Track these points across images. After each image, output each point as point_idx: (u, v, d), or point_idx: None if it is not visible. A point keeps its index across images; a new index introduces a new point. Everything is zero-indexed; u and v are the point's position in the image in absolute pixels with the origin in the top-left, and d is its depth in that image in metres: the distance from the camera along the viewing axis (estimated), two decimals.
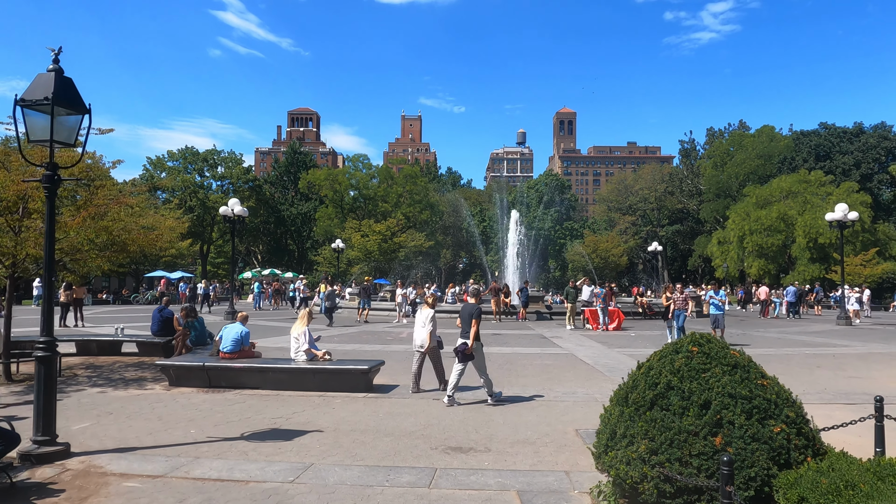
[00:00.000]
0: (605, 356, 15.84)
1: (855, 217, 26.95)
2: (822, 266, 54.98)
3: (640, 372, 5.08)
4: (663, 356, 5.01)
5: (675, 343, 5.12)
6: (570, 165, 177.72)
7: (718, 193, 75.62)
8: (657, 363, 4.98)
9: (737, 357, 4.83)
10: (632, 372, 5.30)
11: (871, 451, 5.77)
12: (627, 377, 5.33)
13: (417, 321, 10.89)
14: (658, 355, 5.11)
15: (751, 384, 4.59)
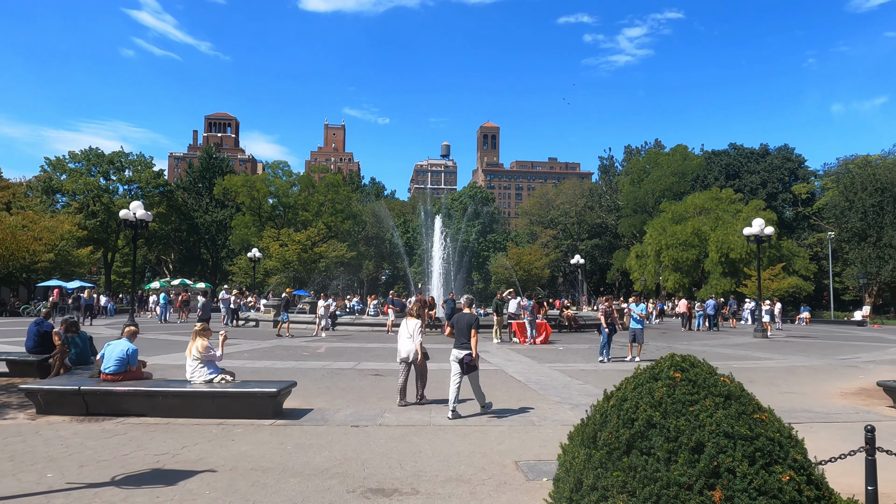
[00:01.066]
0: (535, 372, 15.01)
1: (770, 232, 27.58)
2: (733, 280, 57.08)
3: (610, 404, 4.08)
4: (639, 384, 4.04)
5: (651, 368, 4.16)
6: (493, 179, 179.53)
7: (636, 209, 77.72)
8: (632, 393, 4.00)
9: (728, 385, 3.92)
10: (597, 404, 4.31)
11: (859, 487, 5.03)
12: (591, 409, 4.34)
13: (402, 333, 10.50)
14: (632, 383, 4.13)
15: (749, 420, 3.67)
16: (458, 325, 9.69)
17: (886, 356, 20.22)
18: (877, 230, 54.91)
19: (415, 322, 10.50)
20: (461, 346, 9.57)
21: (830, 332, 34.12)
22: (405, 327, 10.51)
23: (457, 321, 9.77)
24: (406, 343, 10.42)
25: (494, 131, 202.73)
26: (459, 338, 9.63)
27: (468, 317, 9.77)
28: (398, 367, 10.70)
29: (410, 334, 10.40)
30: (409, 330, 10.44)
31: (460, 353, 9.54)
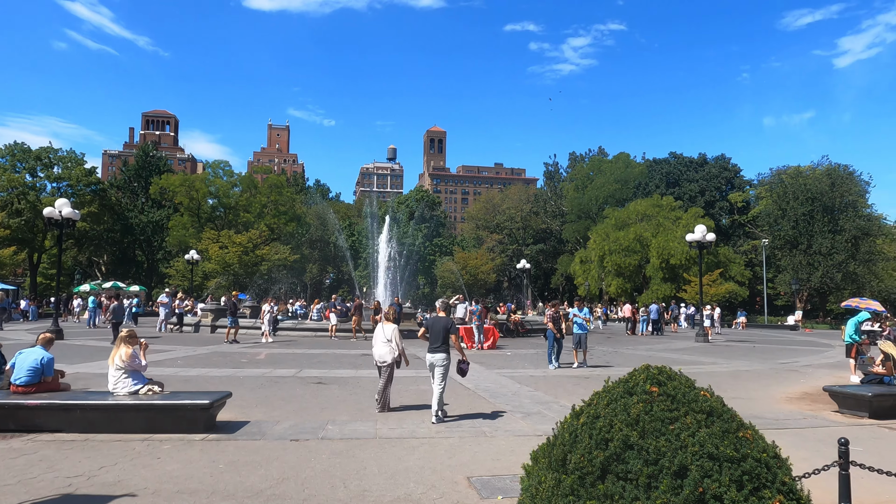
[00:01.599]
0: (484, 378, 14.64)
1: (712, 238, 28.14)
2: (673, 285, 58.36)
3: (580, 422, 3.67)
4: (613, 400, 3.64)
5: (625, 381, 3.78)
6: (439, 183, 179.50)
7: (580, 215, 78.82)
8: (605, 410, 3.60)
9: (710, 399, 3.56)
10: (564, 421, 3.90)
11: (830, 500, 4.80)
12: (558, 425, 3.92)
13: (379, 337, 10.42)
14: (605, 398, 3.73)
15: (734, 439, 3.33)
16: (434, 329, 9.81)
17: (823, 360, 20.77)
18: (807, 238, 57.19)
19: (392, 326, 10.42)
20: (436, 350, 9.69)
21: (766, 336, 35.10)
22: (381, 332, 10.41)
23: (432, 325, 9.88)
24: (382, 348, 10.32)
25: (441, 135, 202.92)
26: (434, 342, 9.73)
27: (444, 320, 9.88)
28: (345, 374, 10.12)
29: (388, 339, 10.31)
30: (386, 335, 10.34)
31: (434, 356, 9.67)
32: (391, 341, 10.29)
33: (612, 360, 19.04)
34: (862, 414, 10.47)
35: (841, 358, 21.10)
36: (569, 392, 12.80)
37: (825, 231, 56.23)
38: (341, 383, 13.51)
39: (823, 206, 57.17)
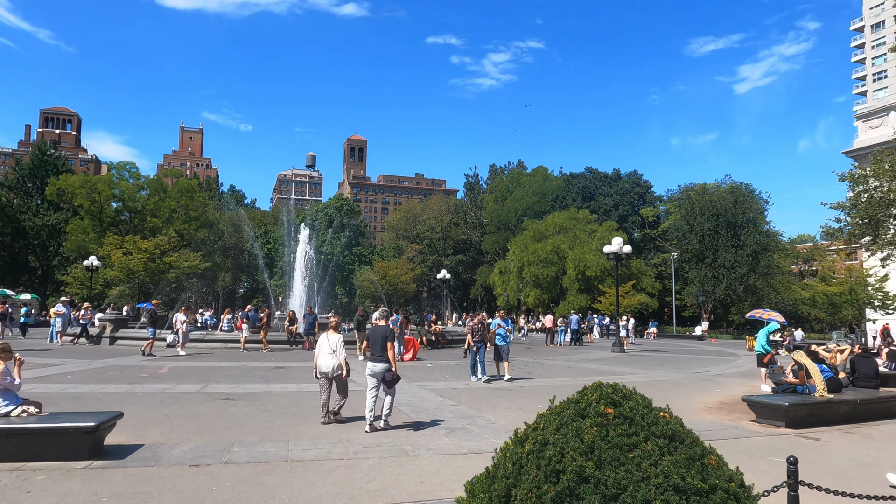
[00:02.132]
0: (405, 391, 14.02)
1: (628, 250, 28.75)
2: (588, 296, 59.77)
3: (525, 450, 3.18)
4: (563, 424, 3.17)
5: (575, 402, 3.32)
6: (359, 192, 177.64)
7: (499, 226, 79.70)
8: (554, 436, 3.12)
9: (670, 422, 3.15)
10: (506, 447, 3.40)
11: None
12: (497, 453, 3.42)
13: (324, 348, 10.24)
14: (553, 421, 3.25)
15: (700, 467, 2.92)
16: (373, 338, 9.81)
17: (732, 369, 21.43)
18: (713, 252, 59.98)
19: (337, 336, 10.30)
20: (376, 359, 9.71)
21: (677, 346, 36.26)
22: (326, 342, 10.26)
23: (371, 334, 9.88)
24: (328, 359, 10.15)
25: (362, 144, 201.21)
26: (374, 350, 9.75)
27: (383, 329, 9.86)
28: (255, 389, 9.26)
29: (333, 350, 10.16)
30: (332, 345, 10.20)
31: (376, 365, 9.66)
32: (336, 352, 10.13)
33: (533, 372, 18.87)
34: (779, 423, 10.60)
35: (749, 367, 21.89)
36: (492, 406, 12.40)
37: (728, 246, 59.15)
38: (251, 399, 12.55)
39: (727, 222, 60.15)
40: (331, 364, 10.11)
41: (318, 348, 10.36)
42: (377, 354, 9.73)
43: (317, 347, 10.47)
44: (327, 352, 10.19)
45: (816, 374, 11.59)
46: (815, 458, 8.54)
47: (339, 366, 10.11)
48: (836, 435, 10.29)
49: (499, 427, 10.15)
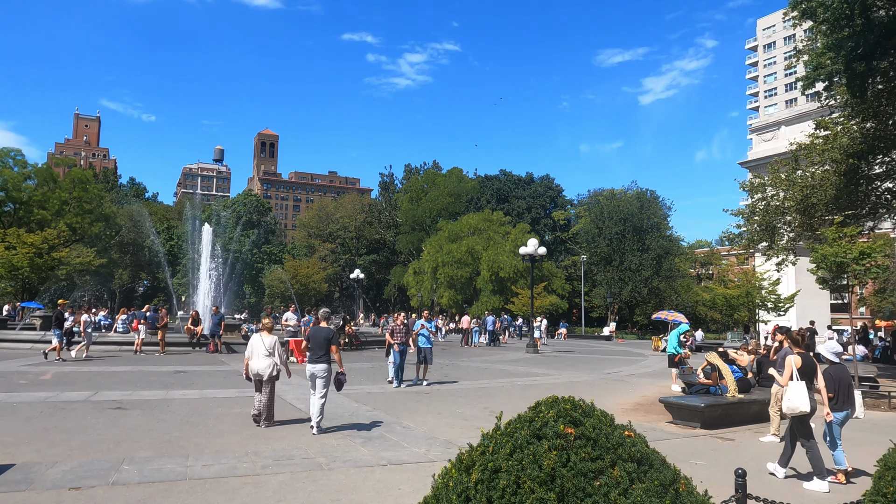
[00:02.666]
0: None
1: (543, 252, 29.02)
2: (502, 297, 60.37)
3: (472, 479, 2.70)
4: (517, 447, 2.72)
5: (529, 420, 2.88)
6: (270, 189, 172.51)
7: (414, 226, 79.33)
8: (507, 461, 2.66)
9: (637, 442, 2.77)
10: (446, 473, 2.91)
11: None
12: (436, 481, 2.92)
13: (258, 350, 9.94)
14: (505, 444, 2.79)
15: (674, 495, 2.54)
16: (315, 339, 9.66)
17: (642, 369, 21.94)
18: (620, 255, 62.10)
19: (272, 338, 10.05)
20: (317, 360, 9.55)
21: (587, 346, 37.07)
22: (261, 344, 9.97)
23: (313, 335, 9.75)
24: (263, 361, 9.85)
25: (273, 139, 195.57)
26: (316, 351, 9.58)
27: (325, 331, 9.75)
28: (152, 397, 8.34)
29: (268, 351, 9.91)
30: (267, 346, 9.94)
31: (316, 367, 9.53)
32: (272, 354, 9.88)
33: (450, 374, 18.53)
34: (695, 424, 10.70)
35: (657, 367, 22.50)
36: (411, 411, 11.90)
37: (635, 249, 61.43)
38: (147, 408, 11.46)
39: (634, 227, 62.45)
40: (265, 365, 9.81)
41: (251, 350, 10.00)
42: (319, 355, 9.57)
43: (248, 349, 10.08)
44: (262, 353, 9.90)
45: (728, 374, 11.84)
46: (734, 460, 8.57)
47: (274, 366, 9.85)
48: (749, 435, 10.50)
49: (419, 434, 9.68)
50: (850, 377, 8.01)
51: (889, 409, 13.97)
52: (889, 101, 21.15)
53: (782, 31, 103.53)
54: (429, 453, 8.39)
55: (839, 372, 7.82)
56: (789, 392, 7.60)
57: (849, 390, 7.74)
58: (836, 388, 7.63)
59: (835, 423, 7.57)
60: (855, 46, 17.26)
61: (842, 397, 7.63)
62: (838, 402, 7.61)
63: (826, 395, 7.59)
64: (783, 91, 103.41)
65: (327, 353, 9.62)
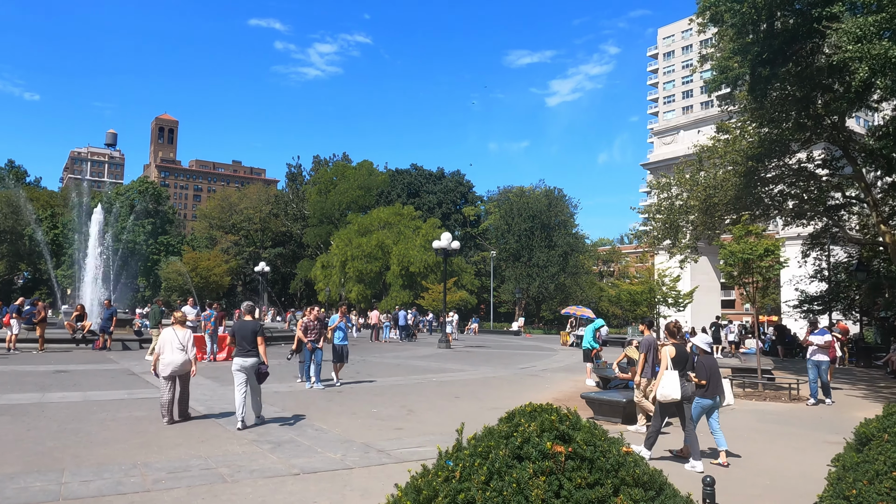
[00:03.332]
0: (220, 398, 12.22)
1: (457, 246, 28.73)
2: (411, 292, 59.94)
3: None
4: (494, 471, 2.12)
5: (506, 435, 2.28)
6: (168, 176, 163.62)
7: (322, 219, 77.48)
8: (483, 492, 2.06)
9: (638, 461, 2.23)
10: (394, 501, 2.27)
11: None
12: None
13: (172, 344, 9.66)
14: (479, 467, 2.17)
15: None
16: (242, 333, 9.56)
17: (555, 364, 22.01)
18: (528, 251, 63.13)
19: (185, 332, 9.84)
20: (246, 353, 9.46)
21: (497, 341, 37.22)
22: (174, 338, 9.69)
23: (239, 328, 9.65)
24: (178, 355, 9.60)
25: (172, 125, 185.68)
26: (243, 345, 9.49)
27: (252, 324, 9.74)
28: (24, 400, 7.16)
29: (183, 345, 9.67)
30: (181, 340, 9.71)
31: (246, 361, 9.43)
32: (186, 348, 9.68)
33: (362, 371, 17.78)
34: (616, 420, 10.56)
35: (568, 361, 22.67)
36: (322, 411, 11.11)
37: (542, 246, 62.63)
38: (17, 414, 10.05)
39: (542, 224, 63.65)
40: (181, 360, 9.59)
41: (163, 344, 9.69)
42: (247, 349, 9.48)
43: (160, 343, 9.77)
44: (176, 347, 9.63)
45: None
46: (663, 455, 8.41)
47: (189, 362, 9.67)
48: (669, 429, 10.45)
49: (332, 437, 8.93)
50: (719, 367, 8.54)
51: (789, 400, 14.51)
52: (783, 107, 22.25)
53: (681, 40, 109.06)
54: (345, 459, 7.68)
55: (710, 362, 8.28)
56: (664, 380, 8.02)
57: (718, 379, 8.26)
58: (707, 377, 8.07)
59: (700, 408, 8.12)
60: (760, 51, 17.91)
61: (712, 385, 8.09)
62: (709, 389, 8.08)
63: (698, 382, 8.10)
64: (680, 98, 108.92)
65: (256, 347, 9.54)
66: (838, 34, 13.61)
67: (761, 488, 7.16)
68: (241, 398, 9.35)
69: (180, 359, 9.57)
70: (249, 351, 9.50)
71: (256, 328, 9.68)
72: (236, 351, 9.58)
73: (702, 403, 8.12)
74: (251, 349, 9.51)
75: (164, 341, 9.67)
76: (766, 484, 7.34)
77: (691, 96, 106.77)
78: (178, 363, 9.54)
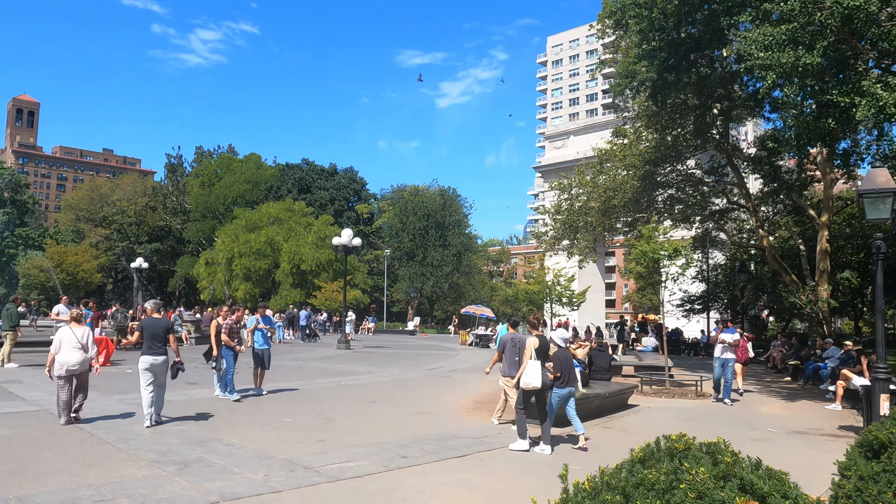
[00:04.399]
0: (103, 408, 10.67)
1: (358, 243, 27.74)
2: (303, 291, 57.88)
3: None
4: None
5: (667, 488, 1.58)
6: (28, 163, 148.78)
7: (206, 214, 73.39)
8: None
9: None
10: None
11: None
12: None
13: (70, 342, 9.36)
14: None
15: None
16: (153, 330, 9.47)
17: (461, 364, 21.61)
18: (423, 251, 62.82)
19: (84, 330, 9.65)
20: (156, 352, 9.40)
21: (395, 341, 36.49)
22: (72, 336, 9.41)
23: (150, 326, 9.54)
24: (75, 354, 9.30)
25: (33, 107, 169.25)
26: (153, 343, 9.41)
27: (163, 321, 9.78)
28: None
29: (81, 344, 9.40)
30: (80, 338, 9.44)
31: (157, 359, 9.37)
32: (85, 347, 9.43)
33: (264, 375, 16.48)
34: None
35: (474, 361, 22.36)
36: (230, 423, 9.94)
37: (437, 245, 62.57)
38: None
39: (436, 223, 63.58)
40: (79, 359, 9.31)
41: (60, 343, 9.34)
42: (157, 346, 9.41)
43: (55, 342, 9.40)
44: (74, 346, 9.33)
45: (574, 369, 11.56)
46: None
47: (87, 361, 9.45)
48: (599, 431, 10.21)
49: (248, 453, 7.87)
50: (573, 360, 9.51)
51: (696, 396, 14.89)
52: (681, 113, 23.19)
53: (569, 49, 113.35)
54: (269, 480, 6.70)
55: (564, 355, 9.10)
56: (527, 370, 8.59)
57: (571, 371, 9.12)
58: (562, 369, 8.89)
59: (559, 397, 8.91)
60: (667, 57, 18.37)
61: (566, 376, 8.93)
62: (564, 380, 8.91)
63: (554, 374, 8.85)
64: (567, 105, 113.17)
65: (166, 345, 9.49)
66: (746, 42, 14.09)
67: None
68: (150, 398, 9.26)
69: (78, 358, 9.29)
70: (160, 349, 9.41)
71: (168, 325, 9.72)
72: (145, 349, 9.39)
73: (559, 393, 8.91)
74: (161, 347, 9.43)
75: (61, 340, 9.36)
76: None
77: (578, 104, 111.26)
78: (75, 362, 9.26)
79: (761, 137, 23.49)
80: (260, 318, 13.38)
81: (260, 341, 13.10)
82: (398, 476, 7.02)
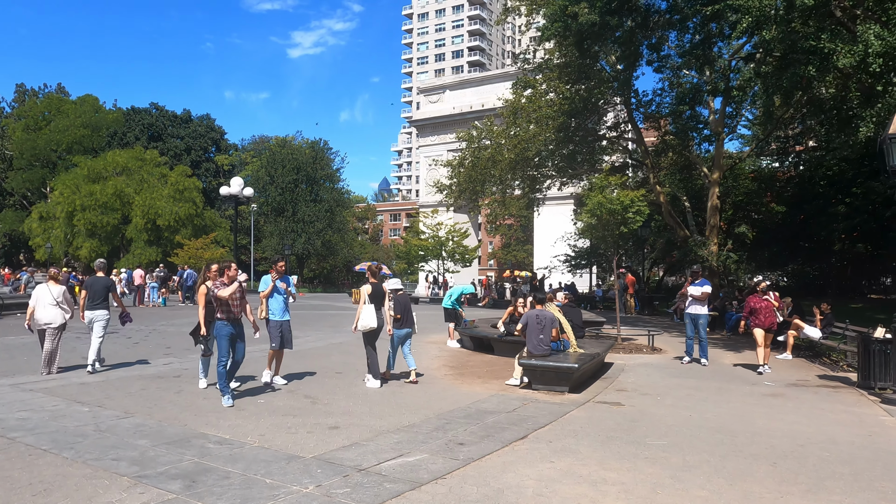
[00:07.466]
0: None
1: (250, 193, 24.90)
2: (159, 249, 52.50)
3: None
4: None
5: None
6: None
7: (34, 162, 64.08)
8: None
9: None
10: None
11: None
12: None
13: (45, 299, 9.76)
14: None
15: None
16: (95, 288, 10.20)
17: None
18: (293, 205, 59.29)
19: (60, 288, 10.05)
20: (96, 306, 10.13)
21: None
22: (48, 293, 9.82)
23: (92, 284, 10.26)
24: (51, 310, 9.71)
25: None
26: (95, 299, 10.14)
27: (105, 280, 10.51)
28: None
29: (57, 301, 9.79)
30: (55, 296, 9.83)
31: (95, 313, 10.09)
32: (60, 304, 9.80)
33: (174, 345, 13.92)
34: (562, 389, 9.15)
35: None
36: (199, 411, 7.77)
37: (308, 200, 59.33)
38: None
39: (307, 177, 60.17)
40: (53, 315, 9.75)
41: (37, 299, 9.82)
42: (98, 303, 10.16)
43: (33, 299, 9.88)
44: (49, 303, 9.81)
45: (568, 328, 10.54)
46: (683, 441, 7.09)
47: (62, 316, 9.81)
48: (617, 395, 9.29)
49: (262, 454, 5.96)
50: (411, 302, 10.36)
51: (651, 352, 14.56)
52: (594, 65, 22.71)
53: (435, 3, 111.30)
54: (334, 496, 4.90)
55: (404, 299, 10.05)
56: (363, 313, 9.38)
57: (409, 313, 9.93)
58: (401, 311, 9.80)
59: (397, 337, 9.88)
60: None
61: (404, 318, 9.84)
62: (402, 322, 9.83)
63: (394, 316, 9.72)
64: (433, 60, 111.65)
65: (106, 300, 10.26)
66: None
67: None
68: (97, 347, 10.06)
69: (53, 313, 9.77)
70: (99, 304, 10.20)
71: (108, 283, 10.52)
72: (87, 304, 10.16)
73: (398, 334, 9.84)
74: (100, 302, 10.21)
75: (38, 297, 9.85)
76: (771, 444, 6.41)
77: (444, 59, 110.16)
78: (51, 317, 9.76)
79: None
80: (276, 276, 9.62)
81: (280, 309, 9.65)
82: (483, 471, 5.53)
